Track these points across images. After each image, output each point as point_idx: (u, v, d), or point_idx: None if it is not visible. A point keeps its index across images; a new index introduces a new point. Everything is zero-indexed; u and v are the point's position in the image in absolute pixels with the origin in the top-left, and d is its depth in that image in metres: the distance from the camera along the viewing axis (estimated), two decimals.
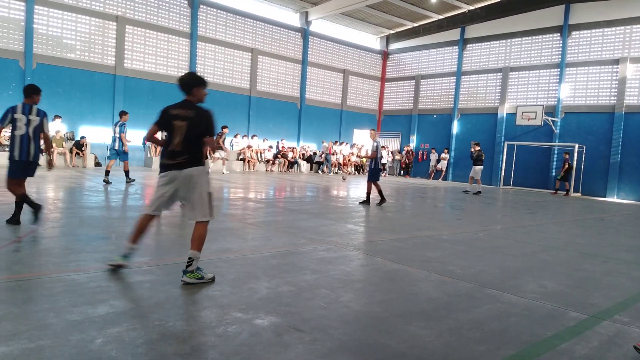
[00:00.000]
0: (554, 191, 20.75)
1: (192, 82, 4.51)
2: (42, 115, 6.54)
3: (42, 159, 7.38)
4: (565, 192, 20.31)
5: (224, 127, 19.42)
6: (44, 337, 2.85)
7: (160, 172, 4.37)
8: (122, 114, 12.37)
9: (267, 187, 15.05)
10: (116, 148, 12.27)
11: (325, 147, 24.85)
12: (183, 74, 4.57)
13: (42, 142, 6.65)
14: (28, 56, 17.18)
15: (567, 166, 20.10)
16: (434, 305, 4.02)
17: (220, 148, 19.54)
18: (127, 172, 12.66)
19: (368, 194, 11.63)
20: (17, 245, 5.12)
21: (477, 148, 17.39)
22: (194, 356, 2.76)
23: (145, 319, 3.24)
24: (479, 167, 17.35)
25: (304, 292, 4.15)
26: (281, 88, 25.03)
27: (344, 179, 19.07)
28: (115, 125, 12.28)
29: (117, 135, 12.11)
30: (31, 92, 6.66)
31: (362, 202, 11.57)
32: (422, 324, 3.56)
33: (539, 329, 3.61)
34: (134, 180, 12.83)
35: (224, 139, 19.83)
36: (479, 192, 17.31)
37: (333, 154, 24.88)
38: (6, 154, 6.61)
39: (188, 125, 4.27)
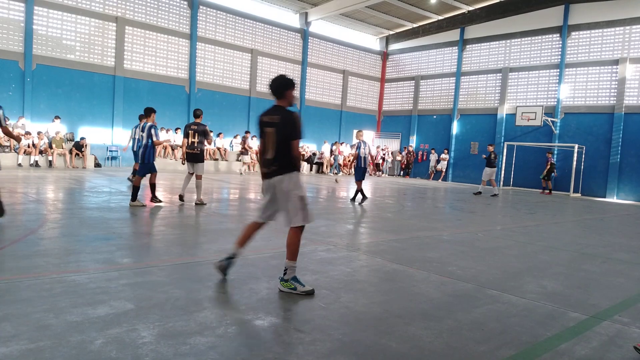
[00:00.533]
0: (541, 191, 21.06)
1: (283, 85, 4.36)
2: None
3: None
4: (548, 191, 20.67)
5: (247, 131, 20.85)
6: (44, 338, 2.85)
7: (262, 179, 4.39)
8: (142, 116, 12.63)
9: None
10: (134, 149, 12.46)
11: (333, 149, 25.04)
12: (273, 78, 4.43)
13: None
14: (28, 57, 17.19)
15: (549, 166, 20.65)
16: (434, 306, 4.02)
17: (246, 152, 20.73)
18: (133, 172, 12.78)
19: (361, 191, 11.76)
20: (16, 246, 5.12)
21: (492, 149, 17.13)
22: (194, 357, 2.76)
23: (145, 320, 3.24)
24: (492, 170, 17.10)
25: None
26: None
27: (337, 182, 19.00)
28: (135, 127, 12.61)
29: (136, 137, 12.33)
30: None
31: (360, 202, 11.68)
32: (422, 324, 3.56)
33: (539, 330, 3.61)
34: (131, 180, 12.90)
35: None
36: (496, 194, 17.00)
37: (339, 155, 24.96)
38: (6, 155, 6.61)
39: (275, 132, 4.20)
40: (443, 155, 25.71)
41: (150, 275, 4.36)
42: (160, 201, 9.18)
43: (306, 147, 25.64)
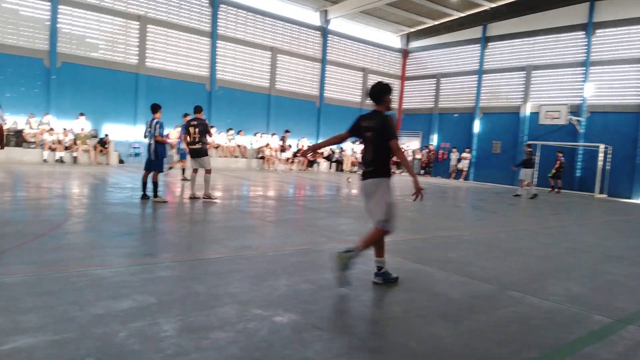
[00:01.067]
0: (550, 189, 20.70)
1: (383, 90, 4.51)
2: None
3: None
4: (557, 190, 20.36)
5: (287, 131, 21.83)
6: (69, 329, 2.91)
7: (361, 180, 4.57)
8: (186, 115, 13.34)
9: (286, 185, 15.09)
10: (179, 147, 13.78)
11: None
12: (373, 85, 4.60)
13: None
14: (52, 55, 17.53)
15: (558, 164, 20.27)
16: (455, 307, 3.98)
17: (283, 150, 21.69)
18: (183, 170, 13.93)
19: None
20: (42, 240, 5.23)
21: (529, 150, 16.55)
22: (214, 351, 2.78)
23: (167, 314, 3.28)
24: (530, 170, 16.44)
25: (323, 290, 4.15)
26: (300, 87, 25.07)
27: (349, 181, 18.79)
28: (181, 126, 13.47)
29: (180, 135, 13.51)
30: None
31: None
32: (443, 324, 3.53)
33: (562, 333, 3.55)
34: (186, 179, 13.53)
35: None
36: (536, 194, 16.46)
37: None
38: (31, 150, 6.76)
39: (373, 136, 4.38)
40: (465, 154, 25.42)
41: (172, 270, 4.42)
42: (148, 198, 8.95)
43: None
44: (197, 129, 9.45)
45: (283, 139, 22.20)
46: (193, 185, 9.76)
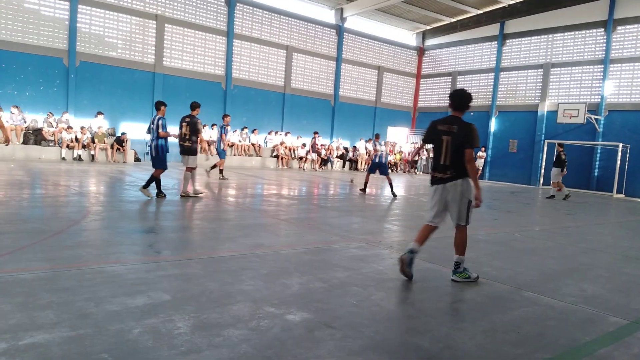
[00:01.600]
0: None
1: (467, 99, 4.81)
2: None
3: None
4: (558, 188, 19.90)
5: (316, 132, 22.36)
6: (85, 326, 2.96)
7: (432, 184, 4.81)
8: (224, 116, 14.00)
9: (300, 184, 15.12)
10: (216, 147, 14.18)
11: (387, 145, 25.20)
12: (458, 90, 4.87)
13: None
14: (72, 54, 17.80)
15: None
16: (468, 307, 3.95)
17: (315, 150, 22.31)
18: (221, 170, 14.06)
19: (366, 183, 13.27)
20: (60, 236, 5.32)
21: (561, 150, 16.04)
22: (227, 348, 2.81)
23: (181, 311, 3.32)
24: (559, 170, 15.93)
25: (335, 289, 4.15)
26: (315, 85, 25.08)
27: (352, 182, 18.51)
28: (220, 127, 14.09)
29: (219, 135, 14.00)
30: None
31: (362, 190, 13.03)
32: (456, 325, 3.51)
33: (577, 334, 3.51)
34: (224, 178, 13.88)
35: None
36: (568, 195, 15.86)
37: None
38: (50, 148, 6.89)
39: (452, 140, 4.59)
40: (480, 153, 25.18)
41: (187, 267, 4.46)
42: (164, 196, 9.00)
43: (338, 143, 25.63)
44: (188, 127, 9.36)
45: (314, 139, 22.73)
46: (193, 183, 9.64)
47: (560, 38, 22.73)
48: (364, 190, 12.99)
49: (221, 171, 14.02)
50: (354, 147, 25.44)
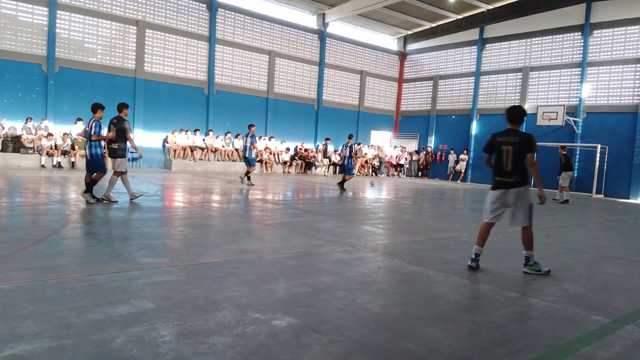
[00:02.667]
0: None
1: (523, 113, 5.49)
2: None
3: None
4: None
5: (327, 138, 23.27)
6: (66, 336, 2.91)
7: (493, 187, 5.45)
8: (250, 126, 14.80)
9: (285, 188, 15.09)
10: (246, 155, 14.82)
11: (377, 149, 25.83)
12: (513, 107, 5.56)
13: None
14: (50, 60, 17.55)
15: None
16: (453, 308, 3.98)
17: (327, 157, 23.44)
18: (249, 177, 14.88)
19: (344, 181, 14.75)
20: (40, 245, 5.23)
21: (564, 152, 16.05)
22: (212, 356, 2.78)
23: (165, 319, 3.28)
24: (569, 173, 15.93)
25: (321, 293, 4.15)
26: (298, 90, 25.11)
27: (373, 184, 18.89)
28: (246, 136, 14.79)
29: (249, 144, 14.64)
30: None
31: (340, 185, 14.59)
32: (441, 326, 3.53)
33: (560, 333, 3.56)
34: (251, 184, 14.57)
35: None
36: (566, 200, 15.64)
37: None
38: (29, 156, 6.73)
39: (514, 150, 5.23)
40: (462, 156, 25.47)
41: (170, 274, 4.42)
42: (100, 200, 8.82)
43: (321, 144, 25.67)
44: (115, 129, 9.16)
45: (325, 145, 24.01)
46: (129, 187, 9.39)
47: (538, 42, 23.14)
48: (342, 189, 14.32)
49: (249, 177, 14.87)
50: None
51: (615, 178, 20.18)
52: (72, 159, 16.98)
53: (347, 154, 15.02)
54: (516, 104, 5.61)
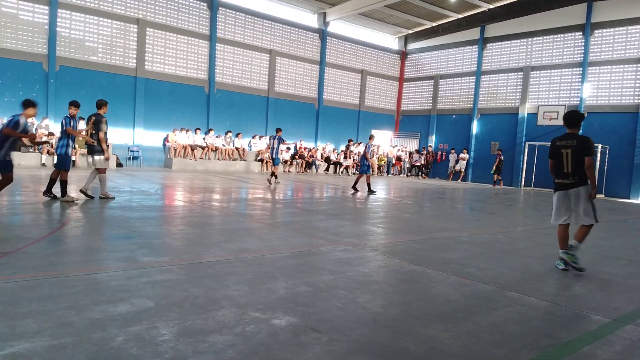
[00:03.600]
0: (493, 184, 22.92)
1: (580, 118, 5.75)
2: None
3: None
4: (499, 184, 22.59)
5: (350, 140, 24.70)
6: (66, 334, 2.91)
7: (556, 190, 5.79)
8: (278, 129, 15.62)
9: (285, 188, 15.10)
10: (273, 156, 15.85)
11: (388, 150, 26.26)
12: (572, 111, 5.85)
13: None
14: (51, 59, 17.55)
15: (497, 162, 22.39)
16: (453, 308, 3.98)
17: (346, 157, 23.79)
18: (275, 175, 15.69)
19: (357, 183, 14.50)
20: (40, 244, 5.23)
21: None
22: (212, 354, 2.78)
23: (165, 318, 3.28)
24: None
25: (321, 292, 4.15)
26: (299, 89, 25.11)
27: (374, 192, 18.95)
28: (274, 138, 15.66)
29: (277, 146, 15.66)
30: None
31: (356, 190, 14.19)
32: (441, 326, 3.53)
33: (560, 332, 3.55)
34: (278, 182, 15.55)
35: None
36: None
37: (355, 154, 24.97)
38: (29, 154, 6.73)
39: (573, 153, 5.53)
40: (462, 155, 25.45)
41: (170, 273, 4.42)
42: (54, 197, 8.77)
43: (322, 147, 25.67)
44: (94, 125, 9.16)
45: (347, 147, 24.98)
46: (89, 182, 9.38)
47: (539, 42, 23.12)
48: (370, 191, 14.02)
49: (275, 176, 15.61)
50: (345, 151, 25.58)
51: (616, 178, 20.17)
52: (73, 158, 16.96)
53: (368, 156, 14.44)
54: (573, 109, 5.94)
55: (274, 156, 15.84)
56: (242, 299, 3.82)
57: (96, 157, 9.31)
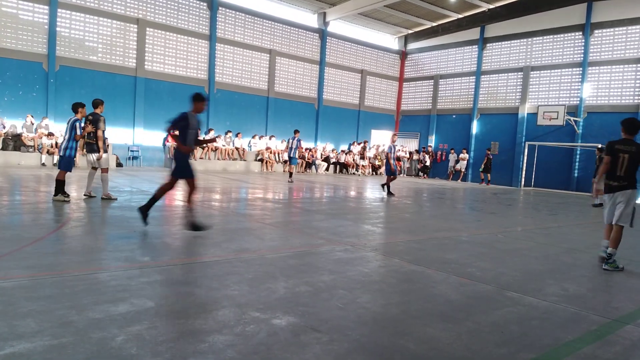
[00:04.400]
0: (480, 182, 23.47)
1: (638, 127, 6.05)
2: None
3: None
4: (486, 183, 23.09)
5: (365, 141, 25.39)
6: (67, 334, 2.91)
7: (606, 191, 6.04)
8: (296, 131, 16.67)
9: (285, 188, 15.09)
10: (291, 155, 16.85)
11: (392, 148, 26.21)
12: (631, 119, 6.16)
13: None
14: (51, 59, 17.54)
15: (486, 160, 22.97)
16: (453, 308, 3.98)
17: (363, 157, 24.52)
18: (291, 174, 16.85)
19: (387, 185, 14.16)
20: (40, 244, 5.23)
21: (601, 154, 14.65)
22: (212, 354, 2.78)
23: (165, 318, 3.28)
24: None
25: (321, 292, 4.15)
26: (299, 89, 25.10)
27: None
28: (292, 139, 16.66)
29: (295, 146, 16.67)
30: None
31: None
32: (441, 326, 3.53)
33: (560, 333, 3.55)
34: (292, 181, 16.24)
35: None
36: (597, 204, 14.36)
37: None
38: (29, 154, 6.72)
39: (630, 158, 5.84)
40: (462, 155, 25.45)
41: (170, 273, 4.42)
42: (67, 197, 8.77)
43: (322, 146, 25.67)
44: (92, 124, 9.22)
45: (364, 148, 25.74)
46: (89, 184, 9.43)
47: (539, 42, 23.12)
48: (389, 193, 13.92)
49: (290, 174, 16.69)
50: (347, 151, 25.57)
51: None
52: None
53: (391, 156, 14.20)
54: (631, 117, 6.33)
55: (291, 156, 16.72)
56: (242, 298, 3.82)
57: (94, 156, 9.35)
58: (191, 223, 6.30)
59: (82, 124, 8.94)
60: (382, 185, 14.26)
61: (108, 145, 17.91)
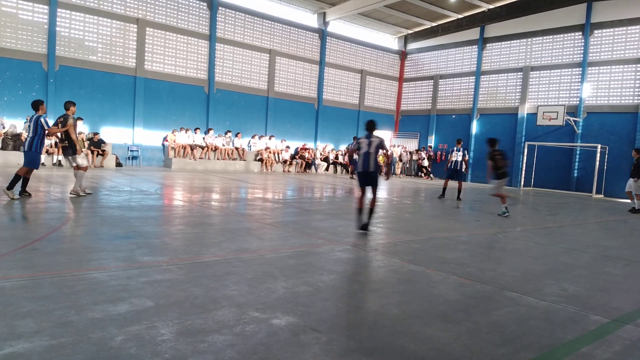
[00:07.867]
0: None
1: None
2: None
3: None
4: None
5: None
6: (66, 334, 2.91)
7: None
8: (355, 139, 15.39)
9: (285, 187, 15.10)
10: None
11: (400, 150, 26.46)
12: None
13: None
14: (51, 58, 17.53)
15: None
16: (453, 308, 3.98)
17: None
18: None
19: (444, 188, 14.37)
20: (40, 243, 5.23)
21: (638, 155, 13.59)
22: (211, 354, 2.78)
23: (164, 317, 3.28)
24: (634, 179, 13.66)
25: (321, 292, 4.15)
26: (299, 89, 25.09)
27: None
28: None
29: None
30: None
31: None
32: (441, 326, 3.53)
33: (560, 333, 3.56)
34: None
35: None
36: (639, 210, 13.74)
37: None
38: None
39: None
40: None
41: (170, 273, 4.42)
42: (29, 195, 8.73)
43: (322, 147, 25.67)
44: (61, 125, 9.23)
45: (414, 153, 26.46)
46: (78, 183, 9.39)
47: (539, 42, 23.13)
48: (442, 196, 14.02)
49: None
50: (344, 151, 25.56)
51: (615, 178, 20.16)
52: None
53: (460, 159, 13.95)
54: None
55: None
56: (242, 298, 3.82)
57: (73, 157, 9.34)
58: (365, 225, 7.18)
59: (46, 119, 8.87)
60: (458, 197, 14.14)
61: (86, 143, 17.92)
